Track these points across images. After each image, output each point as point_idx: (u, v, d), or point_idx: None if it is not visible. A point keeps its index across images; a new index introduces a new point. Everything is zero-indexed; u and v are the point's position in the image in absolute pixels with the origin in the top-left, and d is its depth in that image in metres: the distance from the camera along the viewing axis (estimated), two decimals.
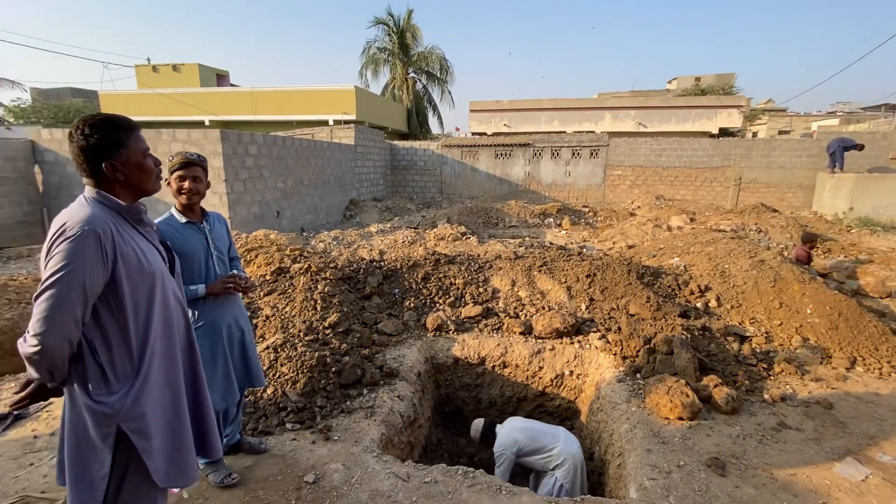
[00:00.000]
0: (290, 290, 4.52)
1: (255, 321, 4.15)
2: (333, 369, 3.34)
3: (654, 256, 6.57)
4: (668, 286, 5.12)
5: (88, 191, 1.41)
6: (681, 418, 3.04)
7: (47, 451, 2.69)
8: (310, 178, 11.67)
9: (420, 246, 7.49)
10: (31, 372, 1.33)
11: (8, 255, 7.89)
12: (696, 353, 3.63)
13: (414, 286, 5.01)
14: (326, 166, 12.57)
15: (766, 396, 3.34)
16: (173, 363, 1.54)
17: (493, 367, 4.21)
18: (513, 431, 3.31)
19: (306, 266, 4.89)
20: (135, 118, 1.53)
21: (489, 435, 3.41)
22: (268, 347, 3.45)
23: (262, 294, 4.57)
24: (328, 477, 2.47)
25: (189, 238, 2.21)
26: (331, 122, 17.09)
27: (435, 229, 8.65)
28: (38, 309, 1.26)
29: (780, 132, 30.98)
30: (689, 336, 3.88)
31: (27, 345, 1.27)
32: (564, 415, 4.20)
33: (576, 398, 4.19)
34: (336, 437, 2.81)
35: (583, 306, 4.70)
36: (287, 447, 2.70)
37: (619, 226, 10.34)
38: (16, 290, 5.15)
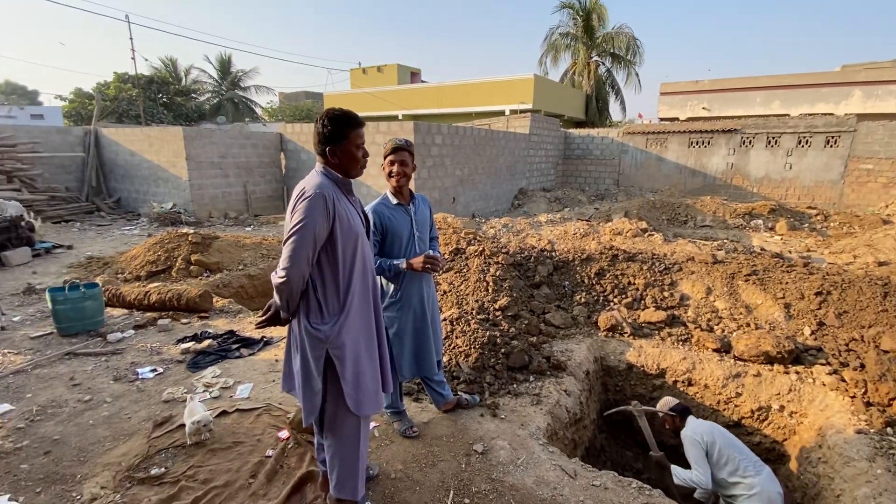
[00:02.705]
0: (464, 270, 4.79)
1: None
2: (503, 350, 3.42)
3: None
4: None
5: (318, 166, 1.79)
6: None
7: None
8: (484, 166, 12.13)
9: (593, 239, 7.09)
10: (276, 299, 1.75)
11: (261, 221, 10.33)
12: None
13: (586, 280, 4.77)
14: (500, 155, 12.88)
15: None
16: (367, 308, 1.86)
17: (676, 381, 3.73)
18: (713, 428, 2.86)
19: (480, 249, 5.11)
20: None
21: (676, 416, 3.01)
22: (445, 320, 3.73)
23: (440, 271, 4.96)
24: (495, 452, 2.55)
25: (398, 218, 2.45)
26: (507, 112, 17.37)
27: (610, 223, 8.06)
28: (285, 250, 1.63)
29: None
30: None
31: (276, 276, 1.66)
32: (766, 456, 3.48)
33: (784, 440, 3.43)
34: (503, 416, 2.88)
35: (806, 330, 3.78)
36: (458, 414, 2.88)
37: (864, 235, 7.98)
38: (266, 247, 6.70)
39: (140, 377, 3.36)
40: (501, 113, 17.68)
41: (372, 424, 2.78)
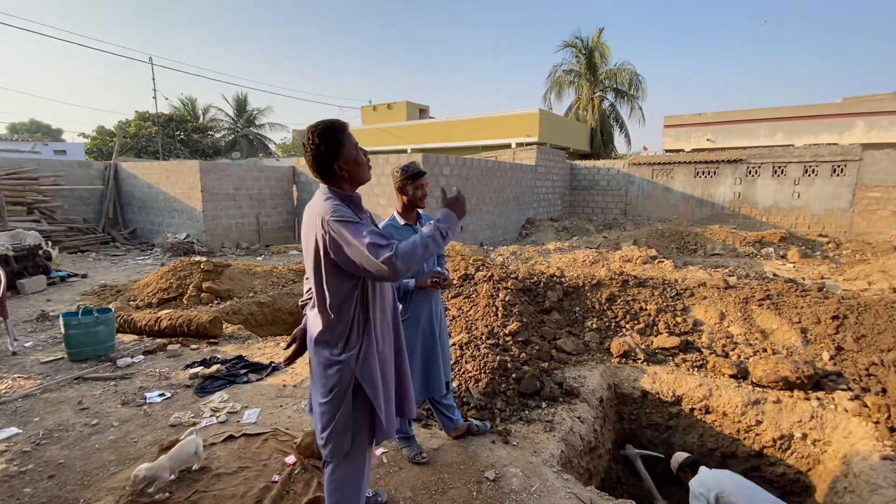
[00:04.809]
0: (473, 296, 4.78)
1: None
2: (514, 376, 3.36)
3: None
4: None
5: (324, 189, 1.66)
6: None
7: (291, 398, 3.40)
8: (491, 196, 12.29)
9: (603, 266, 7.06)
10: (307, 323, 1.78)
11: (272, 251, 10.46)
12: None
13: (597, 306, 4.73)
14: (507, 186, 13.06)
15: None
16: (387, 329, 1.81)
17: (692, 409, 3.62)
18: (724, 477, 2.73)
19: (489, 274, 5.11)
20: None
21: (688, 470, 2.93)
22: (455, 344, 3.69)
23: (449, 296, 4.95)
24: (507, 479, 2.47)
25: (405, 237, 2.51)
26: (513, 145, 17.74)
27: (620, 251, 8.04)
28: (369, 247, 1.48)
29: None
30: None
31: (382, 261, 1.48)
32: (791, 488, 3.32)
33: (809, 470, 3.28)
34: (515, 443, 2.80)
35: (825, 355, 3.69)
36: (468, 441, 2.81)
37: (878, 262, 7.87)
38: (277, 275, 6.76)
39: (148, 401, 3.34)
40: (508, 146, 18.05)
41: (380, 450, 2.72)
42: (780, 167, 13.28)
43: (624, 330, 4.36)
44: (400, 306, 2.46)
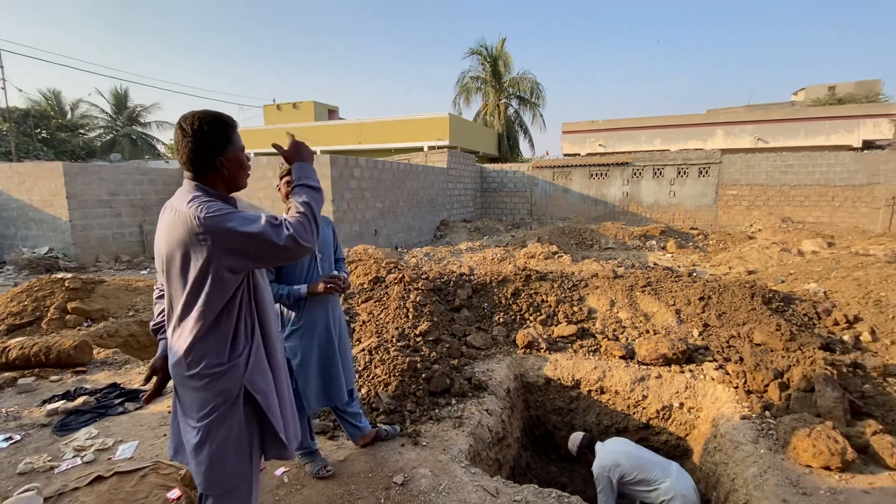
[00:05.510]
0: (384, 298, 4.70)
1: (352, 325, 4.36)
2: (423, 376, 3.35)
3: (782, 282, 5.71)
4: (804, 314, 4.38)
5: (189, 186, 1.43)
6: (827, 468, 2.51)
7: None
8: (405, 199, 12.27)
9: (510, 263, 7.38)
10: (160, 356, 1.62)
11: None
12: (845, 393, 3.01)
13: (503, 301, 4.91)
14: (420, 188, 13.14)
15: None
16: (278, 336, 1.65)
17: (590, 391, 3.90)
18: (616, 454, 2.98)
19: (400, 276, 5.06)
20: (261, 151, 1.68)
21: (586, 451, 3.14)
22: (363, 350, 3.59)
23: (359, 301, 4.81)
24: (416, 481, 2.44)
25: None
26: (426, 149, 17.92)
27: (525, 248, 8.48)
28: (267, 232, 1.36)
29: None
30: (834, 372, 3.24)
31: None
32: (673, 452, 3.72)
33: (686, 435, 3.70)
34: (424, 443, 2.78)
35: (695, 332, 4.20)
36: (377, 447, 2.73)
37: (735, 249, 9.23)
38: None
39: None
40: (420, 149, 18.18)
41: (280, 469, 2.54)
42: (658, 169, 15.02)
43: (528, 322, 4.57)
44: (292, 314, 2.31)
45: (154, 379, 1.64)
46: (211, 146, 1.42)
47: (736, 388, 3.44)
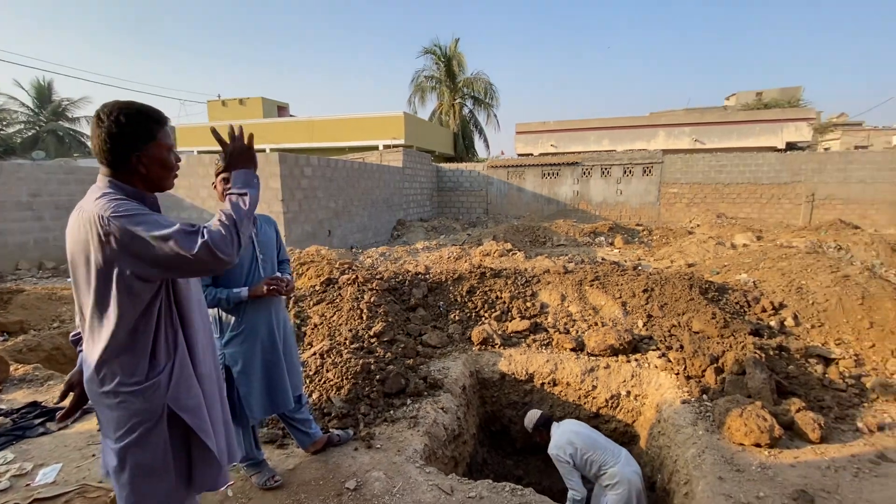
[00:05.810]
0: (337, 300, 4.58)
1: (303, 329, 4.22)
2: (378, 377, 3.29)
3: (717, 273, 6.10)
4: (736, 302, 4.70)
5: (103, 181, 1.32)
6: (758, 445, 2.70)
7: None
8: (360, 198, 12.05)
9: (465, 261, 7.43)
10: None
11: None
12: (772, 374, 3.25)
13: (459, 299, 4.93)
14: (375, 188, 12.95)
15: (859, 425, 2.91)
16: (208, 346, 1.53)
17: (543, 384, 3.99)
18: (570, 434, 3.07)
19: (353, 277, 4.96)
20: (205, 148, 1.51)
21: (542, 430, 3.22)
22: (314, 353, 3.48)
23: (311, 303, 4.66)
24: (369, 485, 2.38)
25: None
26: (381, 148, 17.70)
27: (481, 246, 8.57)
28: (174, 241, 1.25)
29: (857, 147, 28.54)
30: (762, 356, 3.49)
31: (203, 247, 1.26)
32: (622, 439, 3.87)
33: (633, 421, 3.87)
34: (378, 446, 2.73)
35: (640, 323, 4.40)
36: (329, 453, 2.65)
37: (676, 243, 9.78)
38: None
39: None
40: (375, 148, 17.93)
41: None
42: (606, 169, 15.67)
43: (483, 319, 4.62)
44: (232, 319, 2.19)
45: (71, 395, 1.49)
46: (127, 140, 1.29)
47: (677, 374, 3.64)
